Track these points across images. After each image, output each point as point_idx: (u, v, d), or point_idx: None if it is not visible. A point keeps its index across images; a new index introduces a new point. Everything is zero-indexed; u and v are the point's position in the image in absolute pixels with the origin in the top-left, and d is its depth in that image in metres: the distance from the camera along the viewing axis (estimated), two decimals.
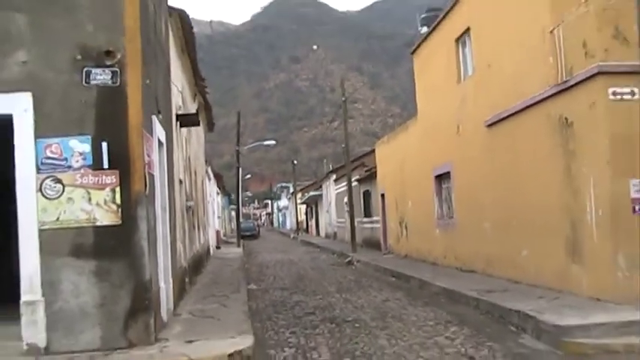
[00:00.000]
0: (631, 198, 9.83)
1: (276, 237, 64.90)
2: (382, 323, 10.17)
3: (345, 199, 34.36)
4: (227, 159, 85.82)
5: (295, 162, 75.18)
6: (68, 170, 7.42)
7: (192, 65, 17.08)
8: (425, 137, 20.31)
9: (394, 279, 17.38)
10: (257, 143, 58.80)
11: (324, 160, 72.15)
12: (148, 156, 8.13)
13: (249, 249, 37.36)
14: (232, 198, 60.91)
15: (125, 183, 7.47)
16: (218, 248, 33.49)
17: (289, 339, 9.22)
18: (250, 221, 73.37)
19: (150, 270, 7.67)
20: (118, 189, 7.44)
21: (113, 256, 7.41)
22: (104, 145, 7.42)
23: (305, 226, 68.09)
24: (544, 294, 10.98)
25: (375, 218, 30.10)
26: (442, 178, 18.98)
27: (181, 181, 14.40)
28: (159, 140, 9.51)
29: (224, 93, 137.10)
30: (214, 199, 38.09)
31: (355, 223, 30.49)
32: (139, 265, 7.49)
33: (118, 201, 7.43)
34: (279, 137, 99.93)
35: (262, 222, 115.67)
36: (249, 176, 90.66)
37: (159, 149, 9.53)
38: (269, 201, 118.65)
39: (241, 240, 40.19)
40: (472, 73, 16.05)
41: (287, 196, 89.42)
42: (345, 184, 32.13)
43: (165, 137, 10.34)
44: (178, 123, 13.64)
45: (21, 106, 7.34)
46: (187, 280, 13.73)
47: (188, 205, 16.07)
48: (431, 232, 19.93)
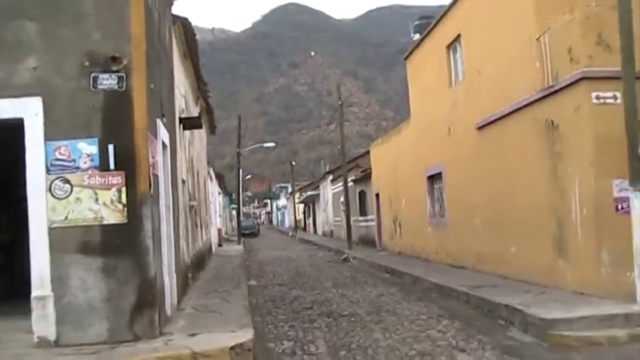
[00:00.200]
0: (613, 197, 9.86)
1: (275, 235, 64.87)
2: (377, 317, 10.19)
3: (342, 199, 34.33)
4: (228, 160, 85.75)
5: (294, 163, 75.11)
6: (76, 171, 7.41)
7: (194, 70, 17.07)
8: (417, 139, 20.33)
9: (388, 275, 17.39)
10: (257, 145, 58.81)
11: (322, 161, 72.04)
12: (153, 157, 8.13)
13: (249, 246, 37.31)
14: (233, 198, 60.81)
15: (131, 183, 7.46)
16: (220, 246, 33.45)
17: (288, 332, 9.25)
18: (250, 220, 73.15)
19: (154, 267, 7.67)
20: (124, 189, 7.43)
21: (119, 254, 7.40)
22: (111, 148, 7.41)
23: (303, 225, 68.00)
24: (531, 289, 11.01)
25: (370, 217, 30.10)
26: (434, 179, 19.00)
27: (184, 182, 14.38)
28: (163, 142, 9.50)
29: (226, 97, 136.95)
30: (216, 199, 38.06)
31: (351, 222, 30.46)
32: (144, 262, 7.48)
33: (124, 201, 7.42)
34: (278, 139, 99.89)
35: (262, 221, 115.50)
36: (249, 177, 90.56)
37: (163, 151, 9.52)
38: (268, 200, 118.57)
39: (242, 238, 40.20)
40: (462, 78, 16.08)
41: (286, 196, 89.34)
42: (342, 184, 32.14)
43: (169, 139, 10.33)
44: (181, 126, 13.63)
45: (31, 111, 7.34)
46: (190, 276, 13.72)
47: (191, 205, 16.06)
48: (423, 230, 19.95)
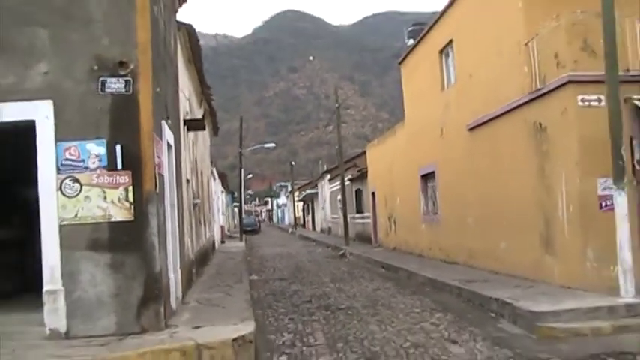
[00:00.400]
0: (598, 195, 9.92)
1: (275, 232, 64.86)
2: (373, 310, 10.22)
3: (339, 197, 34.38)
4: (230, 160, 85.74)
5: (293, 163, 75.16)
6: (85, 171, 7.42)
7: (198, 74, 17.06)
8: (411, 140, 20.35)
9: (384, 270, 17.41)
10: (258, 146, 58.85)
11: (320, 162, 71.94)
12: (158, 158, 8.14)
13: (250, 243, 37.28)
14: (235, 196, 60.72)
15: (137, 183, 7.46)
16: (222, 242, 33.43)
17: (288, 325, 9.28)
18: (252, 217, 72.95)
19: (160, 262, 7.67)
20: (131, 188, 7.44)
21: (127, 250, 7.41)
22: (118, 148, 7.41)
23: (302, 222, 67.97)
24: (520, 283, 11.05)
25: (367, 214, 30.11)
26: (427, 178, 19.02)
27: (189, 181, 14.39)
28: (168, 143, 9.51)
29: (228, 100, 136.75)
30: (219, 197, 38.03)
31: (348, 219, 30.51)
32: (150, 258, 7.49)
33: (131, 199, 7.43)
34: (278, 140, 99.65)
35: (263, 218, 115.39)
36: (250, 176, 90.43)
37: (168, 151, 9.54)
38: (269, 199, 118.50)
39: (243, 235, 40.17)
40: (454, 82, 16.11)
41: (285, 195, 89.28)
42: (339, 183, 32.15)
43: (173, 140, 10.35)
44: (186, 127, 13.64)
45: (43, 113, 7.35)
46: (194, 271, 13.72)
47: (195, 203, 16.06)
48: (417, 227, 19.97)
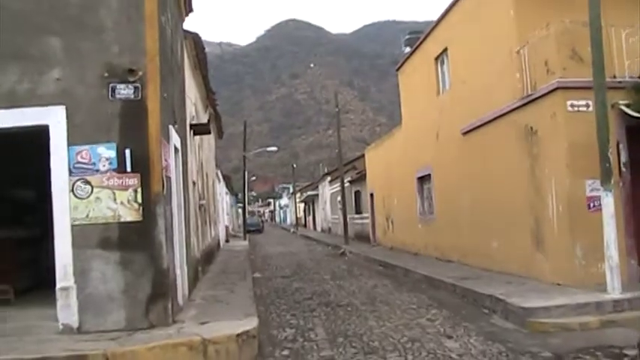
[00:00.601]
0: (586, 196, 9.95)
1: (278, 232, 64.75)
2: (371, 307, 10.22)
3: (339, 198, 34.38)
4: (235, 163, 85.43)
5: (295, 165, 74.99)
6: (96, 173, 7.44)
7: (204, 81, 17.10)
8: (408, 144, 20.37)
9: (382, 268, 17.41)
10: (261, 149, 58.71)
11: (320, 164, 71.96)
12: (166, 161, 8.16)
13: (254, 242, 37.24)
14: (239, 197, 60.71)
15: (145, 184, 7.49)
16: (227, 242, 33.41)
17: (290, 321, 9.29)
18: (255, 217, 72.88)
19: (167, 260, 7.70)
20: (140, 190, 7.46)
21: (135, 248, 7.43)
22: (127, 152, 7.44)
23: (303, 222, 67.92)
24: (512, 280, 11.05)
25: (365, 215, 30.10)
26: (423, 180, 19.03)
27: (194, 183, 14.41)
28: (175, 147, 9.53)
29: (232, 105, 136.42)
30: (223, 199, 38.03)
31: (347, 219, 30.51)
32: (158, 256, 7.51)
33: (140, 200, 7.45)
34: (280, 143, 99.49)
35: (266, 218, 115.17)
36: (254, 178, 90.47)
37: (175, 155, 9.56)
38: (272, 200, 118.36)
39: (247, 234, 40.14)
40: (449, 88, 16.12)
41: (287, 196, 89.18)
42: (339, 185, 32.14)
43: (180, 144, 10.37)
44: (192, 131, 13.66)
45: (56, 118, 7.39)
46: (200, 269, 13.73)
47: (200, 204, 16.08)
48: (414, 227, 19.97)
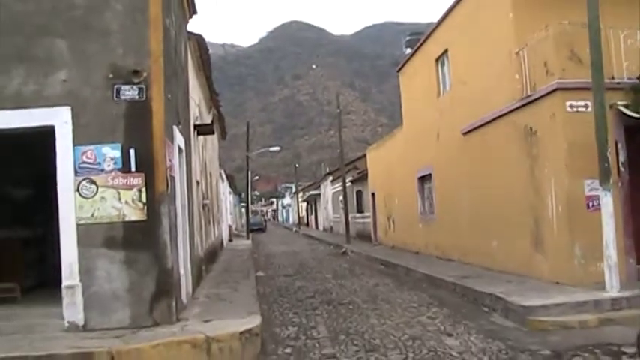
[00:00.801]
0: (585, 196, 9.94)
1: (280, 231, 64.79)
2: (373, 305, 10.22)
3: (340, 198, 34.37)
4: (238, 163, 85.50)
5: (297, 165, 74.97)
6: (101, 173, 7.45)
7: (207, 82, 17.11)
8: (409, 144, 20.37)
9: (383, 266, 17.41)
10: (264, 149, 58.66)
11: (322, 164, 72.03)
12: (170, 161, 8.17)
13: (257, 241, 37.22)
14: (242, 197, 60.70)
15: (150, 184, 7.49)
16: (230, 241, 33.42)
17: (292, 319, 9.29)
18: (258, 217, 72.66)
19: (171, 259, 7.71)
20: (144, 189, 7.47)
21: (140, 247, 7.44)
22: (132, 152, 7.44)
23: (305, 221, 67.95)
24: (511, 279, 11.05)
25: (367, 214, 30.11)
26: (424, 179, 19.03)
27: (198, 183, 14.42)
28: (179, 147, 9.54)
29: (235, 106, 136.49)
30: (227, 198, 38.05)
31: (349, 219, 30.51)
32: (162, 255, 7.51)
33: (144, 200, 7.46)
34: (283, 144, 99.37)
35: (269, 217, 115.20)
36: (257, 178, 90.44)
37: (179, 155, 9.56)
38: (274, 199, 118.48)
39: (250, 233, 40.15)
40: (450, 89, 16.12)
41: (290, 195, 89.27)
42: (341, 185, 32.17)
43: (184, 144, 10.38)
44: (195, 132, 13.66)
45: (62, 119, 7.40)
46: (204, 268, 13.74)
47: (204, 203, 16.09)
48: (415, 226, 19.98)
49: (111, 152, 7.48)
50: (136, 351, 6.33)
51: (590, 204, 9.88)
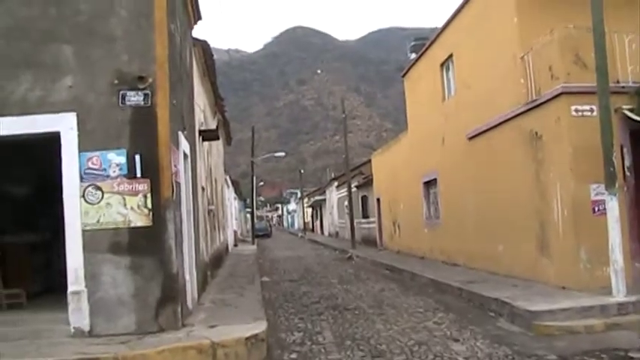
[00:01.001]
0: (591, 200, 9.91)
1: (286, 236, 64.75)
2: (378, 310, 10.20)
3: (346, 203, 34.36)
4: (243, 168, 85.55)
5: (302, 171, 75.12)
6: (107, 179, 7.48)
7: (212, 87, 17.16)
8: (414, 149, 20.35)
9: (388, 272, 17.37)
10: (269, 155, 58.89)
11: (327, 169, 71.93)
12: (175, 166, 8.19)
13: (262, 246, 37.23)
14: (247, 202, 60.72)
15: (155, 190, 7.51)
16: (235, 246, 33.46)
17: (298, 324, 9.27)
18: (263, 222, 72.64)
19: (177, 265, 7.72)
20: (149, 195, 7.48)
21: (145, 253, 7.45)
22: (137, 157, 7.47)
23: (311, 227, 67.89)
24: (517, 283, 11.01)
25: (372, 219, 30.06)
26: (430, 184, 18.99)
27: (203, 188, 14.45)
28: (184, 153, 9.56)
29: (240, 111, 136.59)
30: (232, 204, 38.09)
31: (354, 224, 30.48)
32: (168, 261, 7.52)
33: (150, 205, 7.48)
34: (288, 149, 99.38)
35: (274, 223, 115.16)
36: (262, 183, 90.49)
37: (184, 160, 9.58)
38: (279, 205, 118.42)
39: (255, 239, 40.16)
40: (454, 93, 16.12)
41: (295, 201, 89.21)
42: (346, 190, 32.15)
43: (189, 150, 10.40)
44: (201, 137, 13.70)
45: (67, 125, 7.43)
46: (209, 274, 13.75)
47: (209, 209, 16.11)
48: (420, 231, 19.94)
49: (116, 158, 7.51)
50: (142, 357, 6.33)
51: (595, 208, 9.85)
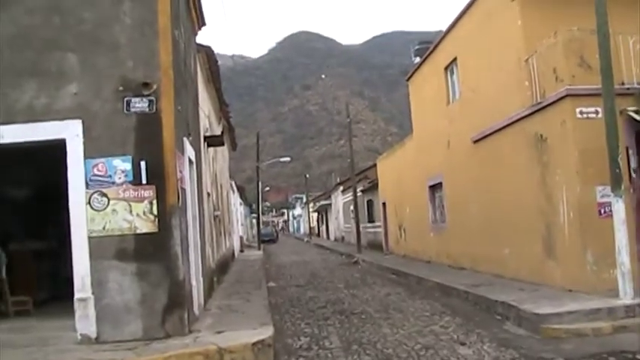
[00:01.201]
0: (597, 202, 9.87)
1: (291, 241, 64.72)
2: (385, 314, 10.18)
3: (351, 208, 34.31)
4: (248, 174, 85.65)
5: (307, 176, 75.21)
6: (112, 186, 7.50)
7: (217, 93, 17.20)
8: (419, 152, 20.34)
9: (395, 276, 17.33)
10: (274, 160, 58.87)
11: (333, 174, 72.03)
12: (180, 172, 8.21)
13: (268, 252, 37.22)
14: (253, 207, 60.77)
15: (161, 196, 7.53)
16: (241, 251, 33.46)
17: (304, 329, 9.25)
18: (269, 227, 72.63)
19: (183, 271, 7.73)
20: (155, 201, 7.50)
21: (151, 259, 7.46)
22: (142, 164, 7.49)
23: (317, 231, 67.84)
24: (524, 287, 10.97)
25: (378, 223, 30.03)
26: (435, 188, 18.97)
27: (209, 194, 14.47)
28: (189, 159, 9.58)
29: (245, 117, 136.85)
30: (238, 209, 38.12)
31: (360, 228, 30.43)
32: (174, 267, 7.54)
33: (155, 212, 7.49)
34: (293, 154, 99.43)
35: (280, 228, 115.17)
36: (267, 188, 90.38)
37: (189, 166, 9.61)
38: (285, 210, 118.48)
39: (261, 244, 40.16)
40: (459, 97, 16.10)
41: (301, 206, 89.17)
42: (351, 194, 32.15)
43: (194, 156, 10.42)
44: (206, 143, 13.74)
45: (73, 132, 7.47)
46: (215, 279, 13.76)
47: (215, 215, 16.14)
48: (426, 235, 19.90)
49: (122, 165, 7.53)
50: None
51: (601, 210, 9.81)
